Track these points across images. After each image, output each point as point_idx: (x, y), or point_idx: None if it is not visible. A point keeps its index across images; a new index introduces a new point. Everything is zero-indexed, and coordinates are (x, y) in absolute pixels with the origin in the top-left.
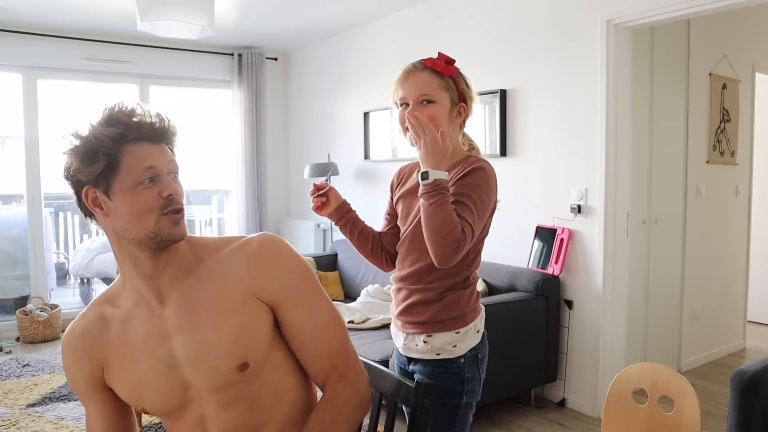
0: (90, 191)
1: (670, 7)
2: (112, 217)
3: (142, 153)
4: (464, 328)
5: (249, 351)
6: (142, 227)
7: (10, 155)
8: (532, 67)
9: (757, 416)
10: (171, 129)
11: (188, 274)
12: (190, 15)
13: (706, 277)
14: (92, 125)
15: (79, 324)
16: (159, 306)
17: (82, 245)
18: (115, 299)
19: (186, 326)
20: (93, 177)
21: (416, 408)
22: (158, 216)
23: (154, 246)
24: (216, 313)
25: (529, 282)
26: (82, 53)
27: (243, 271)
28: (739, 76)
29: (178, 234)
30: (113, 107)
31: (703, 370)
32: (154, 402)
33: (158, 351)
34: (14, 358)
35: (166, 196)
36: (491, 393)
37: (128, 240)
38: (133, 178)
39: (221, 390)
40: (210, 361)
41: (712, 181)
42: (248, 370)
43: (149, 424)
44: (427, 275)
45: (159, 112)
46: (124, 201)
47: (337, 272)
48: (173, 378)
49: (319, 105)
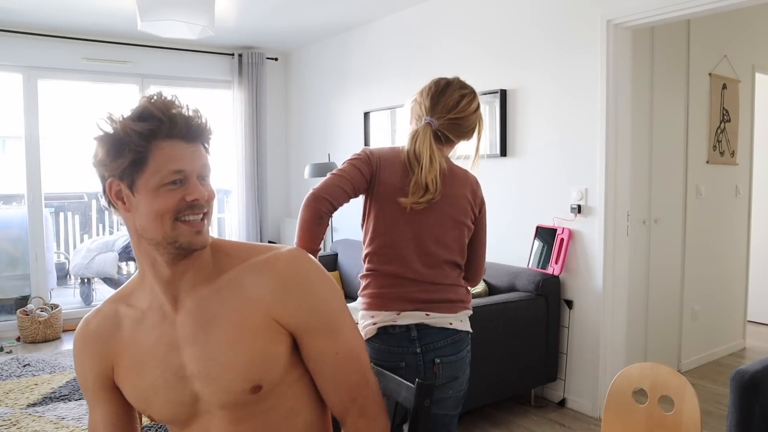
0: (114, 183)
1: (670, 8)
2: (133, 214)
3: (173, 153)
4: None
5: (263, 375)
6: (160, 230)
7: (11, 155)
8: (532, 68)
9: (757, 416)
10: (207, 128)
11: (207, 282)
12: (191, 15)
13: (706, 277)
14: (123, 117)
15: (95, 320)
16: (172, 312)
17: (83, 245)
18: (130, 297)
19: (198, 339)
20: (118, 171)
21: (417, 408)
22: (175, 221)
23: (172, 251)
24: (231, 331)
25: (529, 282)
26: (82, 53)
27: (266, 291)
28: (739, 76)
29: (199, 243)
30: (150, 97)
31: (703, 369)
32: (161, 410)
33: (168, 360)
34: (15, 358)
35: (190, 201)
36: (491, 392)
37: (147, 240)
38: (159, 179)
39: (232, 407)
40: (221, 380)
41: (712, 181)
42: (261, 392)
43: (149, 425)
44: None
45: (197, 109)
46: (146, 200)
47: (338, 272)
48: (183, 389)
49: (320, 105)
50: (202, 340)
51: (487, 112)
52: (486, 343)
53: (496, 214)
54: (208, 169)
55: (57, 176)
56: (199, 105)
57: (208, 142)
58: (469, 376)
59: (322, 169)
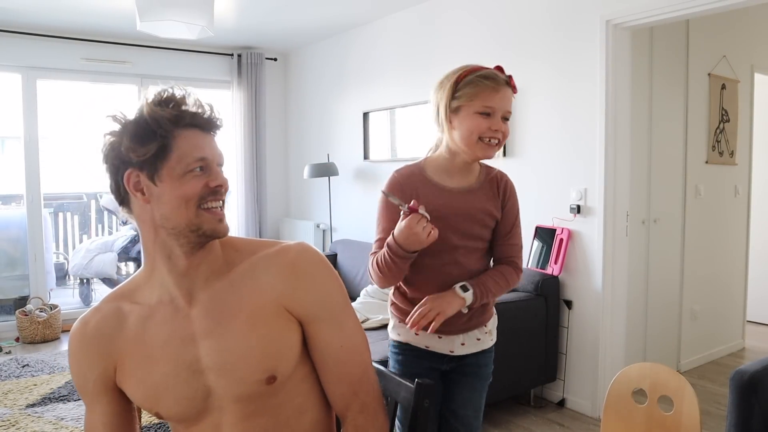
0: (133, 174)
1: (669, 8)
2: (153, 204)
3: (196, 141)
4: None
5: (278, 364)
6: (184, 216)
7: (10, 155)
8: (532, 68)
9: (757, 416)
10: (219, 120)
11: (219, 276)
12: (190, 15)
13: (706, 277)
14: (148, 103)
15: (93, 319)
16: (186, 306)
17: (82, 245)
18: (135, 294)
19: (214, 331)
20: (142, 159)
21: (416, 408)
22: (198, 208)
23: (193, 239)
24: (246, 321)
25: (528, 282)
26: (81, 53)
27: (277, 280)
28: (738, 76)
29: (222, 231)
30: (164, 89)
31: (702, 370)
32: (170, 408)
33: (182, 354)
34: (14, 359)
35: (214, 186)
36: (491, 393)
37: (167, 230)
38: (185, 166)
39: (245, 401)
40: (237, 371)
41: (711, 182)
42: (275, 384)
43: (149, 425)
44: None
45: (209, 103)
46: (170, 187)
47: (337, 272)
48: (196, 384)
49: (319, 105)
50: (219, 332)
51: None
52: None
53: None
54: (223, 159)
55: (56, 177)
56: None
57: (218, 134)
58: None
59: (321, 170)
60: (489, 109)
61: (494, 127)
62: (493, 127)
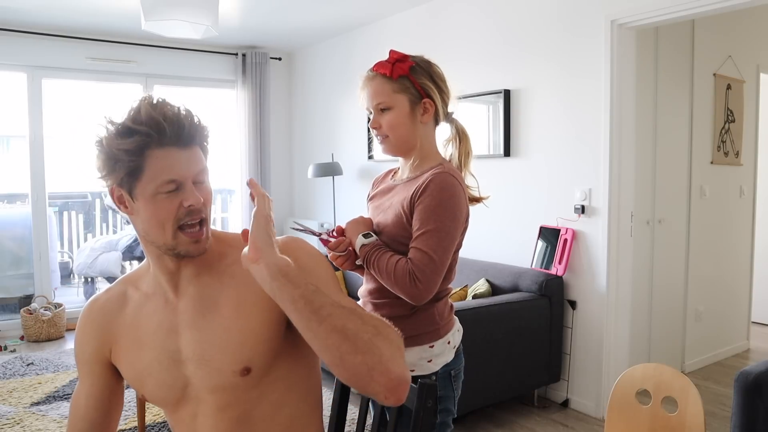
0: (116, 189)
1: (675, 8)
2: (135, 218)
3: (167, 162)
4: (439, 341)
5: (253, 355)
6: (161, 236)
7: (15, 154)
8: (536, 68)
9: (761, 417)
10: (201, 129)
11: (209, 270)
12: (195, 15)
13: (710, 278)
14: (107, 136)
15: (103, 297)
16: (174, 298)
17: (86, 244)
18: (138, 281)
19: (196, 323)
20: (116, 181)
21: (419, 409)
22: (176, 229)
23: (173, 255)
24: (229, 315)
25: (532, 282)
26: (86, 53)
27: None
28: (743, 76)
29: (196, 252)
30: (138, 107)
31: (706, 370)
32: (153, 392)
33: (166, 343)
34: (18, 357)
35: (186, 207)
36: (494, 393)
37: (149, 242)
38: (154, 187)
39: (220, 392)
40: (213, 362)
41: (717, 182)
42: (249, 376)
43: (153, 423)
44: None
45: (189, 110)
46: (145, 206)
47: (340, 272)
48: (176, 373)
49: (323, 105)
50: (200, 324)
51: (491, 112)
52: (489, 344)
53: (500, 214)
54: (205, 172)
55: (61, 175)
56: (202, 105)
57: (206, 141)
58: (473, 377)
59: (325, 169)
60: (367, 109)
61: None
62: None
